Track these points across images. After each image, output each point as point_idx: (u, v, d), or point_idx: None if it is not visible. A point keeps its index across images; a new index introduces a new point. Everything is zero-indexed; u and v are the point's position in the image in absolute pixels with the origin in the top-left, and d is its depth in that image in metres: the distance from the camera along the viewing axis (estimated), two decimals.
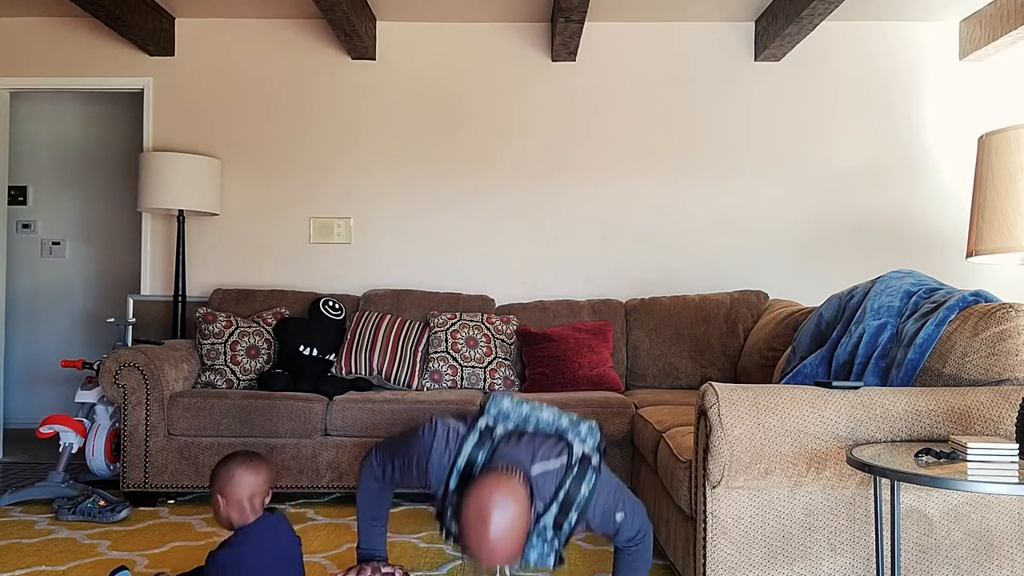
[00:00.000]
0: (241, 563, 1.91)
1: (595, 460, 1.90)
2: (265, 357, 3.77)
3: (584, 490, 1.85)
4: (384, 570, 1.96)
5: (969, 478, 1.52)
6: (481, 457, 1.88)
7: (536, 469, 1.83)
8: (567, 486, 1.84)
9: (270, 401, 3.36)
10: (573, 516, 1.84)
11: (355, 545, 2.81)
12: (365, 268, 4.44)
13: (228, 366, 3.66)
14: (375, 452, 2.09)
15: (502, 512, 1.68)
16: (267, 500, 2.03)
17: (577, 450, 1.90)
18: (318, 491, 3.37)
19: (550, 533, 1.85)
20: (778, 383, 2.69)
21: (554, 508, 1.84)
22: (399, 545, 2.82)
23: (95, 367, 3.67)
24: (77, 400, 3.59)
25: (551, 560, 1.87)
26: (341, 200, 4.45)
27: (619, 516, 1.94)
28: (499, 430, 1.94)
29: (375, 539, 2.11)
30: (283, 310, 3.95)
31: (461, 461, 1.89)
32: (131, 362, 3.33)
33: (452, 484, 1.89)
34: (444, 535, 1.90)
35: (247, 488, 1.98)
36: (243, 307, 4.03)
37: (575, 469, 1.87)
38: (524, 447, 1.87)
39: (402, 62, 4.45)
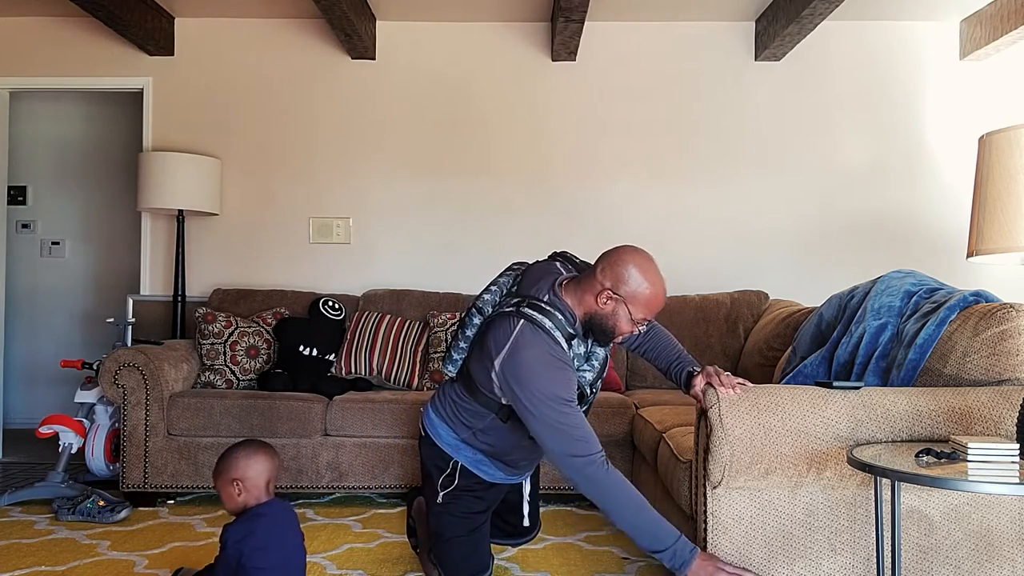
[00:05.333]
0: (256, 537, 1.90)
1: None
2: (265, 357, 3.77)
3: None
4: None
5: (969, 478, 1.52)
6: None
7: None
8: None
9: (270, 401, 3.36)
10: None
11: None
12: (365, 268, 4.43)
13: (228, 366, 3.66)
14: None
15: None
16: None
17: None
18: (318, 491, 3.37)
19: (586, 344, 2.11)
20: (778, 383, 2.69)
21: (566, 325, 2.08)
22: (400, 545, 2.82)
23: (94, 367, 3.67)
24: (76, 400, 3.58)
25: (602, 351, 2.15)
26: (341, 200, 4.44)
27: None
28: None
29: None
30: (283, 310, 3.95)
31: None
32: (131, 362, 3.33)
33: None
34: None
35: (266, 473, 1.99)
36: (243, 307, 4.03)
37: None
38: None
39: (402, 62, 4.45)
